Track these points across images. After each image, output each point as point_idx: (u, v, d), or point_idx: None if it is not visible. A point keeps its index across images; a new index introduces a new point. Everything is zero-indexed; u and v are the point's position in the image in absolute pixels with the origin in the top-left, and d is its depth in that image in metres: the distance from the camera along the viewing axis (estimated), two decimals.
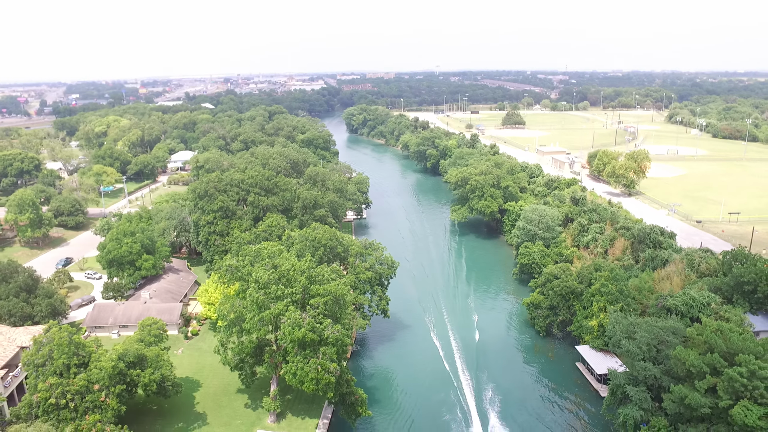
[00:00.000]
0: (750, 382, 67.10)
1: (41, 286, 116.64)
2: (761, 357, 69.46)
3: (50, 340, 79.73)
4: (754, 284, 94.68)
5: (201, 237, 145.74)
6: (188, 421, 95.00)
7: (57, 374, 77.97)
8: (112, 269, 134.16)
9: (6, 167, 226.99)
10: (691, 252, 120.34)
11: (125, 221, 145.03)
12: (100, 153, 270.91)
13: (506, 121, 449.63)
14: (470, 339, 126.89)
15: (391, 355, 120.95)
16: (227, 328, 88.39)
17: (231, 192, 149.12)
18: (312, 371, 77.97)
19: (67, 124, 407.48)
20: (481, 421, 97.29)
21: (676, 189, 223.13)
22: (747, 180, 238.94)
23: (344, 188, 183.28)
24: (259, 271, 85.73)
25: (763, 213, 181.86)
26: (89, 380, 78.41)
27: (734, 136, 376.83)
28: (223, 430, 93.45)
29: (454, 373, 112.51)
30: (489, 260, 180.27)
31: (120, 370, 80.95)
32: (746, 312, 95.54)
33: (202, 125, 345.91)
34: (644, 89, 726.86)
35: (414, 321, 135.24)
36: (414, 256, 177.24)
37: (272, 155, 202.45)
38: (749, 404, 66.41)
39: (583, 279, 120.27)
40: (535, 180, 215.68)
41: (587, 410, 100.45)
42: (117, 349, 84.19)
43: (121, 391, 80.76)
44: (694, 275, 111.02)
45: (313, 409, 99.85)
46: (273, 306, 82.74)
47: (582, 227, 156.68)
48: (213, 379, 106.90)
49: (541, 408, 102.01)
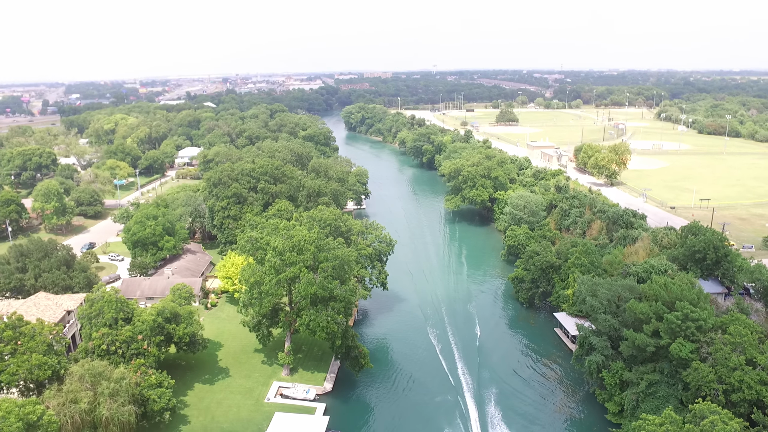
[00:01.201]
0: (684, 324, 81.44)
1: (77, 261, 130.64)
2: (695, 304, 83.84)
3: (101, 298, 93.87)
4: (703, 252, 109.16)
5: (216, 221, 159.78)
6: (213, 374, 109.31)
7: (107, 326, 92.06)
8: (137, 249, 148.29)
9: (26, 161, 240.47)
10: (657, 230, 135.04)
11: (147, 207, 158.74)
12: (112, 149, 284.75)
13: (500, 119, 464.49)
14: (461, 310, 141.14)
15: (390, 323, 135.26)
16: (248, 291, 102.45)
17: (243, 180, 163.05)
18: (323, 322, 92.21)
19: (75, 122, 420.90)
20: (468, 374, 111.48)
21: (657, 180, 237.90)
22: (723, 172, 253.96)
23: (346, 178, 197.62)
24: (276, 241, 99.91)
25: (732, 200, 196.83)
26: (134, 332, 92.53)
27: (718, 132, 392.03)
28: (243, 381, 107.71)
29: (446, 339, 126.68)
30: (480, 244, 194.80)
31: (159, 324, 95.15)
32: (698, 277, 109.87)
33: (206, 123, 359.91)
34: (636, 87, 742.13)
35: (410, 295, 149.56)
36: (410, 241, 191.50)
37: (278, 149, 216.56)
38: (683, 341, 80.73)
39: (561, 254, 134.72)
40: (523, 171, 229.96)
41: (561, 365, 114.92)
42: (156, 306, 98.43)
43: (159, 341, 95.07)
44: (657, 249, 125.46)
45: (321, 365, 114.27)
46: (288, 270, 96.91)
47: (564, 212, 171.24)
48: (232, 341, 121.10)
49: (522, 365, 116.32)
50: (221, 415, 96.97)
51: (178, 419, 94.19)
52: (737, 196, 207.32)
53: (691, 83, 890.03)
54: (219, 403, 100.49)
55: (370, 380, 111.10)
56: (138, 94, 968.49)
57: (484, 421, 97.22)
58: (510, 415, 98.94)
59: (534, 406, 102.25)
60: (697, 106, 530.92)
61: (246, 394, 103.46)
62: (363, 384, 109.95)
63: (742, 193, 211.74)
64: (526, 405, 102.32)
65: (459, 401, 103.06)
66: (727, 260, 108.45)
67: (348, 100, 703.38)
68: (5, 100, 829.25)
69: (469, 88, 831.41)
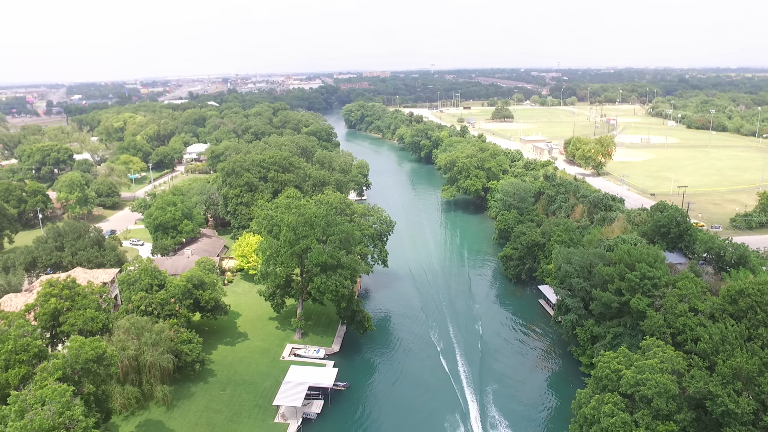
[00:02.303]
0: (642, 282, 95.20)
1: (107, 241, 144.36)
2: (652, 265, 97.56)
3: (138, 267, 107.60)
4: (668, 227, 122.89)
5: (229, 207, 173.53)
6: (233, 337, 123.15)
7: (144, 290, 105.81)
8: (158, 233, 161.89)
9: (44, 157, 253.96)
10: (631, 210, 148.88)
11: (166, 195, 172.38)
12: (124, 145, 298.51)
13: (495, 115, 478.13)
14: (455, 287, 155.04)
15: (389, 297, 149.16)
16: (265, 262, 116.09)
17: (253, 170, 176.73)
18: (332, 285, 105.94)
19: (84, 121, 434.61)
20: (458, 340, 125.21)
21: (641, 170, 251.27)
22: (705, 163, 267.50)
23: (348, 169, 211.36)
24: (290, 217, 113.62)
25: (709, 187, 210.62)
26: (167, 295, 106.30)
27: (706, 127, 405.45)
28: (260, 343, 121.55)
29: (441, 310, 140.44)
30: (474, 230, 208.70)
31: (188, 289, 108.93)
32: (664, 249, 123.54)
33: (211, 120, 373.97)
34: (630, 85, 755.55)
35: (408, 274, 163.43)
36: (409, 227, 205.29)
37: (284, 143, 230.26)
38: (641, 296, 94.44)
39: (545, 233, 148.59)
40: (515, 163, 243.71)
41: (543, 330, 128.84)
42: (185, 275, 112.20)
43: (189, 304, 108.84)
44: (631, 227, 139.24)
45: (329, 330, 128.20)
46: (301, 242, 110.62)
47: (550, 198, 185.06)
48: (249, 311, 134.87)
49: (507, 330, 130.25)
50: (243, 370, 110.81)
51: (206, 372, 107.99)
52: (714, 184, 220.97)
53: (685, 80, 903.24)
54: (240, 360, 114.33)
55: (373, 343, 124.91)
56: (140, 94, 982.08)
57: (473, 375, 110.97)
58: (496, 370, 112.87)
59: (517, 361, 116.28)
60: (688, 102, 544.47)
61: (263, 354, 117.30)
62: (367, 346, 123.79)
63: (719, 181, 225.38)
64: (509, 361, 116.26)
65: (451, 361, 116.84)
66: (689, 234, 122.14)
67: (347, 99, 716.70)
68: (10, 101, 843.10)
69: (466, 86, 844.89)
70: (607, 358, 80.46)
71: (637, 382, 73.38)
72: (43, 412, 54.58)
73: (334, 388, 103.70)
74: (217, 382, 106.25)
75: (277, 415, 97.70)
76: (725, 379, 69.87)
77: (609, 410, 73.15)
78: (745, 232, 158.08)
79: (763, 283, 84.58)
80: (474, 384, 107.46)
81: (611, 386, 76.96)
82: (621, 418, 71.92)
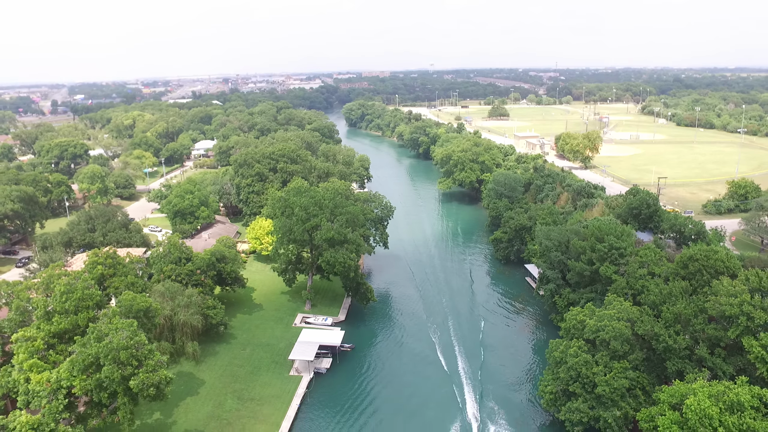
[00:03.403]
0: (609, 252, 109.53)
1: (133, 224, 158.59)
2: (619, 238, 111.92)
3: (168, 242, 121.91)
4: (639, 208, 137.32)
5: (242, 196, 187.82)
6: (250, 308, 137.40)
7: (173, 263, 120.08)
8: (176, 218, 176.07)
9: (62, 152, 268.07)
10: (609, 196, 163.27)
11: (184, 184, 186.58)
12: (136, 141, 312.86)
13: (492, 114, 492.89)
14: (450, 267, 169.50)
15: (390, 276, 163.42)
16: (279, 240, 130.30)
17: (264, 162, 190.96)
18: (340, 257, 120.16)
19: (93, 119, 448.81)
20: (455, 309, 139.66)
21: (628, 164, 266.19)
22: (688, 157, 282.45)
23: (351, 162, 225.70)
24: (302, 199, 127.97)
25: (688, 179, 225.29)
26: (194, 267, 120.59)
27: (694, 124, 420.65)
28: (274, 313, 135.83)
29: (436, 287, 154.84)
30: (468, 218, 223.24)
31: (212, 262, 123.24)
32: (636, 229, 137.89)
33: (217, 118, 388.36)
34: (625, 84, 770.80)
35: (407, 256, 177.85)
36: (407, 216, 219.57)
37: (290, 137, 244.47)
38: (609, 265, 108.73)
39: (532, 217, 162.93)
40: (508, 157, 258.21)
41: (528, 301, 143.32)
42: (209, 250, 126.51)
43: (213, 275, 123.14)
44: (608, 210, 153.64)
45: (335, 303, 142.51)
46: (312, 220, 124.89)
47: (539, 188, 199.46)
48: (262, 287, 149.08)
49: (495, 303, 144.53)
50: (260, 334, 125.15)
51: (228, 335, 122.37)
52: (694, 176, 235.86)
53: (681, 80, 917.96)
54: (257, 326, 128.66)
55: (376, 314, 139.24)
56: (142, 94, 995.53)
57: (466, 338, 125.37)
58: (487, 335, 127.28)
59: (504, 328, 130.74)
60: (680, 101, 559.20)
61: (277, 321, 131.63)
62: (370, 316, 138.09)
63: (699, 173, 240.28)
64: (498, 328, 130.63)
65: (446, 328, 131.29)
66: (657, 215, 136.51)
67: (347, 99, 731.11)
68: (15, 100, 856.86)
69: (465, 86, 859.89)
70: (575, 312, 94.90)
71: (598, 329, 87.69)
72: (118, 335, 68.70)
73: (341, 348, 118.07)
74: (238, 343, 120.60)
75: (291, 369, 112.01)
76: (668, 323, 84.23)
77: (574, 352, 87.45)
78: (715, 216, 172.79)
79: (709, 251, 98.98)
80: (466, 346, 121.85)
81: (577, 334, 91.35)
82: (583, 358, 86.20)
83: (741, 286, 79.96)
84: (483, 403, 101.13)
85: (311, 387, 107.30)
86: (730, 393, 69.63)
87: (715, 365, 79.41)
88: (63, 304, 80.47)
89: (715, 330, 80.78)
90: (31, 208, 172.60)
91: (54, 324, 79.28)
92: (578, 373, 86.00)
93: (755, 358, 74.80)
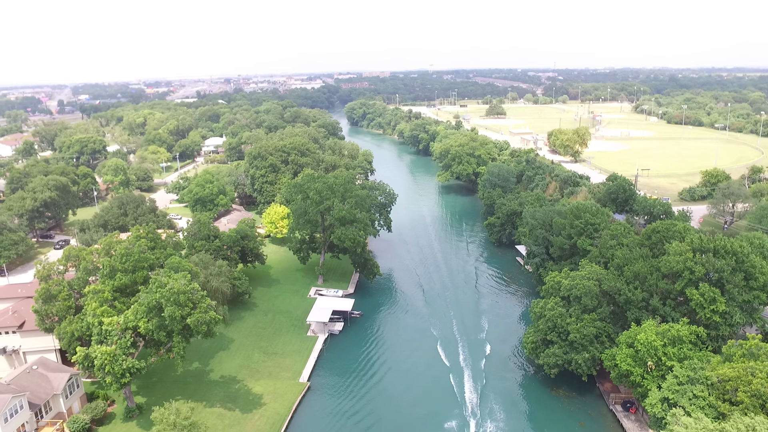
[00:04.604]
0: (585, 227, 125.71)
1: (159, 210, 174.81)
2: (594, 215, 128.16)
3: (198, 221, 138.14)
4: (616, 193, 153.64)
5: (256, 186, 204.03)
6: (269, 283, 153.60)
7: (203, 239, 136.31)
8: (197, 205, 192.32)
9: (83, 147, 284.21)
10: (592, 184, 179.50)
11: (203, 174, 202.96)
12: (150, 138, 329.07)
13: (489, 112, 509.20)
14: (449, 250, 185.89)
15: (393, 257, 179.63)
16: (295, 220, 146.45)
17: (276, 154, 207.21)
18: (350, 234, 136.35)
19: (104, 117, 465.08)
20: (452, 285, 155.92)
21: (616, 158, 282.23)
22: (673, 152, 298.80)
23: (356, 155, 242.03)
24: (315, 184, 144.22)
25: (670, 171, 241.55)
26: (221, 243, 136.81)
27: (685, 122, 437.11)
28: (290, 286, 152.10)
29: (435, 266, 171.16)
30: (465, 208, 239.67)
31: (237, 239, 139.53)
32: (613, 212, 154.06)
33: (225, 116, 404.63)
34: (620, 84, 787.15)
35: (408, 240, 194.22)
36: (408, 205, 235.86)
37: (298, 133, 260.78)
38: (585, 238, 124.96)
39: (522, 203, 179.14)
40: (503, 152, 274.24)
41: (517, 277, 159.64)
42: (233, 229, 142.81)
43: (237, 250, 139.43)
44: (590, 196, 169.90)
45: (344, 278, 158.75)
46: (325, 202, 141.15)
47: (530, 178, 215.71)
48: (278, 265, 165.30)
49: (491, 279, 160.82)
50: (279, 303, 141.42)
51: (251, 303, 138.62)
52: (676, 168, 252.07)
53: (677, 80, 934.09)
54: (276, 297, 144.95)
55: (381, 288, 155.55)
56: (146, 94, 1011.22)
57: (459, 308, 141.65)
58: (481, 306, 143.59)
59: (496, 299, 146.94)
60: (673, 100, 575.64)
61: (294, 293, 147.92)
62: (375, 289, 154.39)
63: (681, 166, 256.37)
64: (490, 300, 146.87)
65: (444, 298, 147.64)
66: (632, 198, 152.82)
67: (348, 98, 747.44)
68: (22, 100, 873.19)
69: (464, 86, 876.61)
70: (553, 275, 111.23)
71: (571, 287, 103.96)
72: (177, 282, 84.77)
73: (351, 314, 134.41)
74: (260, 310, 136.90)
75: (308, 330, 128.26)
76: (628, 280, 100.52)
77: (551, 307, 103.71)
78: (690, 202, 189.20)
79: (669, 224, 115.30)
80: (461, 313, 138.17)
81: (554, 292, 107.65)
82: (559, 312, 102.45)
83: (686, 247, 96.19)
84: (474, 355, 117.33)
85: (326, 344, 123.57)
86: (672, 330, 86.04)
87: (665, 313, 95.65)
88: (123, 264, 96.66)
89: (666, 284, 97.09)
90: (65, 196, 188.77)
91: (117, 280, 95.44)
92: (555, 324, 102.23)
93: (695, 304, 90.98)
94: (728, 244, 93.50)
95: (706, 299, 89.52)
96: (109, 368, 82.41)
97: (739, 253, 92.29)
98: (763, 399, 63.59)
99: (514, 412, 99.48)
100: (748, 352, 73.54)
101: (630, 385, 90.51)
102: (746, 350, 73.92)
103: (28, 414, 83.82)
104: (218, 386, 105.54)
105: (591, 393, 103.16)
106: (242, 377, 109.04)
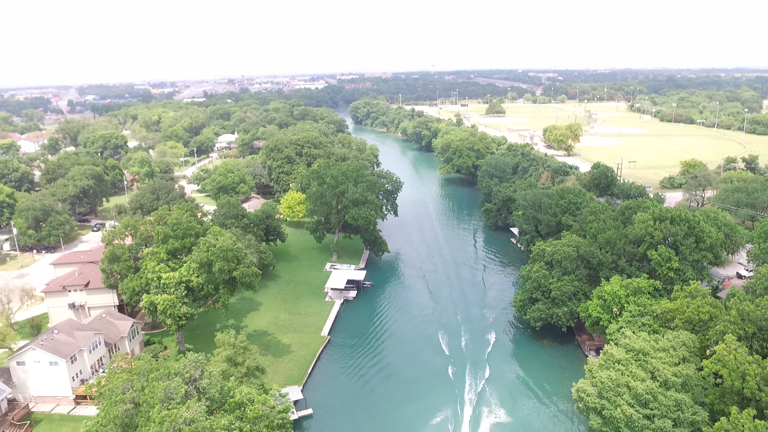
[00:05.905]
0: (569, 205, 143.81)
1: (187, 196, 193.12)
2: (576, 195, 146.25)
3: (227, 202, 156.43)
4: (599, 179, 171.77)
5: (273, 176, 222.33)
6: (288, 259, 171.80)
7: (232, 217, 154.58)
8: (220, 193, 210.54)
9: (106, 143, 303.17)
10: (580, 173, 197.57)
11: (226, 164, 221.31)
12: (167, 134, 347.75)
13: (489, 111, 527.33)
14: (450, 233, 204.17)
15: (399, 239, 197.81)
16: (313, 203, 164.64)
17: (291, 147, 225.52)
18: (363, 213, 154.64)
19: (119, 116, 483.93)
20: (453, 261, 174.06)
21: (608, 153, 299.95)
22: (663, 147, 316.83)
23: (363, 148, 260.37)
24: (332, 170, 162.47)
25: (656, 163, 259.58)
26: (248, 221, 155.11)
27: (678, 120, 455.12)
28: (308, 262, 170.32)
29: (437, 246, 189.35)
30: (465, 198, 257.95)
31: (262, 217, 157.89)
32: (597, 195, 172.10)
33: (236, 115, 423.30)
34: (618, 84, 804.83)
35: (412, 225, 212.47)
36: (412, 195, 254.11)
37: (308, 128, 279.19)
38: (568, 216, 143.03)
39: (516, 190, 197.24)
40: (500, 147, 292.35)
41: (511, 255, 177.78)
42: (258, 209, 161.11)
43: (262, 228, 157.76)
44: (578, 182, 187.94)
45: (356, 255, 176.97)
46: (340, 186, 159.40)
47: (524, 169, 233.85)
48: (296, 244, 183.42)
49: (487, 258, 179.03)
50: (299, 275, 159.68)
51: (275, 275, 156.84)
52: (663, 161, 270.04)
53: (674, 80, 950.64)
54: (296, 270, 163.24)
55: (389, 264, 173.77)
56: (152, 94, 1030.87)
57: (460, 280, 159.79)
58: (477, 279, 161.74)
59: (491, 274, 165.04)
60: (669, 99, 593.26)
61: (311, 267, 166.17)
62: (384, 265, 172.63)
63: (668, 160, 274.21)
64: (486, 275, 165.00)
65: (445, 271, 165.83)
66: (614, 183, 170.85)
67: (352, 98, 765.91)
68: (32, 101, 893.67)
69: (465, 86, 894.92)
70: (539, 244, 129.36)
71: (553, 253, 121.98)
72: (225, 242, 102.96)
73: (363, 284, 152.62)
74: (282, 281, 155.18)
75: (326, 297, 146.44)
76: (601, 245, 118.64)
77: (536, 270, 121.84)
78: (670, 190, 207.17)
79: (641, 201, 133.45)
80: (460, 283, 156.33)
81: (539, 258, 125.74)
82: (543, 274, 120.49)
83: (648, 216, 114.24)
84: (471, 316, 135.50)
85: (343, 307, 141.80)
86: (633, 283, 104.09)
87: (631, 272, 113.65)
88: (174, 231, 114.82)
89: (632, 248, 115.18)
90: (100, 184, 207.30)
91: (169, 244, 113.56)
92: (539, 284, 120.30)
93: (655, 263, 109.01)
94: (682, 213, 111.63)
95: (663, 258, 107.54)
96: (171, 311, 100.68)
97: (691, 221, 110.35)
98: (692, 323, 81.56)
99: (506, 357, 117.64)
100: (689, 294, 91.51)
101: (600, 331, 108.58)
102: (687, 293, 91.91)
103: (104, 350, 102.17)
104: (252, 338, 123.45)
105: (570, 343, 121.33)
106: (272, 331, 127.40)
